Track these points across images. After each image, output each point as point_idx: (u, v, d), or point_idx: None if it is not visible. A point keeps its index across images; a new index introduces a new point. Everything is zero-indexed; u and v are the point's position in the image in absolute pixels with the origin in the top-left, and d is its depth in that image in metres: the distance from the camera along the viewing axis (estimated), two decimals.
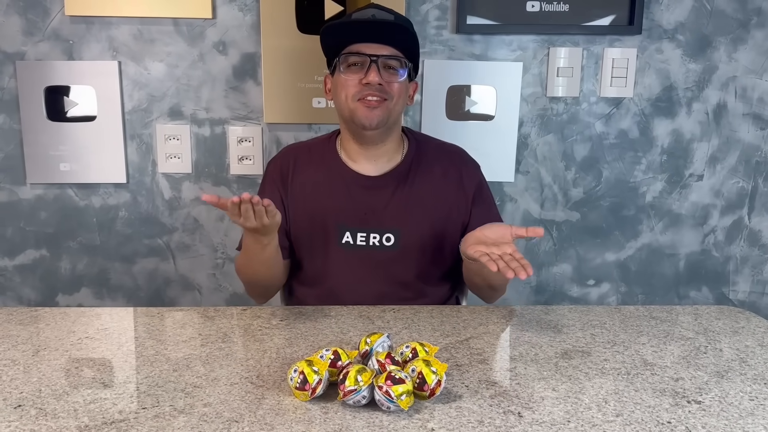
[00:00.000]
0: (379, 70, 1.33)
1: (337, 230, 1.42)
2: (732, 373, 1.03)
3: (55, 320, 1.23)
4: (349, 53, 1.35)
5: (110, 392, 0.93)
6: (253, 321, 1.24)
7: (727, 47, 1.95)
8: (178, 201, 1.97)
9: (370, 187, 1.43)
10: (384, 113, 1.35)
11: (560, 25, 1.90)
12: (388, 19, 1.33)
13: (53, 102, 1.89)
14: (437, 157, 1.47)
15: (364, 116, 1.34)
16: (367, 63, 1.33)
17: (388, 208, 1.42)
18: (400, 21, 1.35)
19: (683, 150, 2.01)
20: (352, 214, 1.42)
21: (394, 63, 1.35)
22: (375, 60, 1.32)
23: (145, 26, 1.87)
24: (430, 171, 1.45)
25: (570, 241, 2.05)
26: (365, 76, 1.32)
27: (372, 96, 1.33)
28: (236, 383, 0.96)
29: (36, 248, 1.98)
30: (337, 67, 1.37)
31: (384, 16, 1.33)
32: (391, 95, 1.35)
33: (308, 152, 1.48)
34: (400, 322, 1.24)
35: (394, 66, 1.35)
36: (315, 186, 1.44)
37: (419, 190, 1.43)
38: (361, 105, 1.34)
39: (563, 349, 1.12)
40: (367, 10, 1.35)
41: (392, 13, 1.36)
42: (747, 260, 2.09)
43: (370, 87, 1.33)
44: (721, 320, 1.29)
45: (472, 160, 1.51)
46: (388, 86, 1.34)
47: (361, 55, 1.33)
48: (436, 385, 0.89)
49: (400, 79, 1.36)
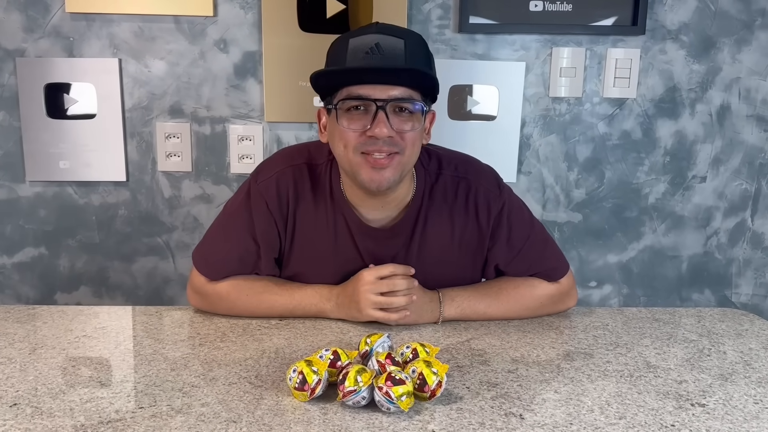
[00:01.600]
0: (388, 118, 1.06)
1: (340, 282, 1.25)
2: (736, 376, 1.02)
3: (53, 318, 1.22)
4: (349, 97, 1.08)
5: (107, 391, 0.92)
6: (252, 320, 1.23)
7: (731, 48, 1.93)
8: (178, 200, 1.96)
9: (379, 238, 1.22)
10: (395, 172, 1.10)
11: (563, 25, 1.89)
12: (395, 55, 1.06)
13: (53, 99, 1.88)
14: (451, 189, 1.24)
15: (369, 179, 1.10)
16: (373, 109, 1.07)
17: (398, 260, 1.22)
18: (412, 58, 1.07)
19: (686, 151, 1.99)
20: (358, 268, 1.21)
21: (407, 105, 1.09)
22: (383, 106, 1.06)
23: (146, 24, 1.86)
24: (444, 211, 1.23)
25: (572, 243, 2.04)
26: (371, 127, 1.06)
27: (380, 153, 1.08)
28: (234, 383, 0.95)
29: (35, 246, 1.97)
30: (334, 112, 1.10)
31: (390, 46, 1.06)
32: (403, 148, 1.09)
33: (309, 174, 1.22)
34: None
35: (407, 108, 1.09)
36: (317, 229, 1.23)
37: (433, 240, 1.23)
38: (366, 163, 1.09)
39: (565, 350, 1.11)
40: (369, 37, 1.07)
41: (401, 34, 1.08)
42: (750, 263, 2.07)
43: (376, 141, 1.07)
44: (725, 323, 1.28)
45: (490, 188, 1.25)
46: (399, 137, 1.08)
47: (364, 100, 1.07)
48: (436, 386, 0.88)
49: (415, 126, 1.10)
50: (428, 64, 1.12)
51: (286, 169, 1.22)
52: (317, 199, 1.22)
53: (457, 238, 1.25)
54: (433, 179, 1.24)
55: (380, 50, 1.05)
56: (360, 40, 1.07)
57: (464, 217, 1.24)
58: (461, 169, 1.25)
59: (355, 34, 1.09)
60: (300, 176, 1.22)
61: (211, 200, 1.96)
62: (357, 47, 1.06)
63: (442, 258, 1.25)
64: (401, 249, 1.23)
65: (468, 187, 1.23)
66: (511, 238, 1.25)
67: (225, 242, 1.26)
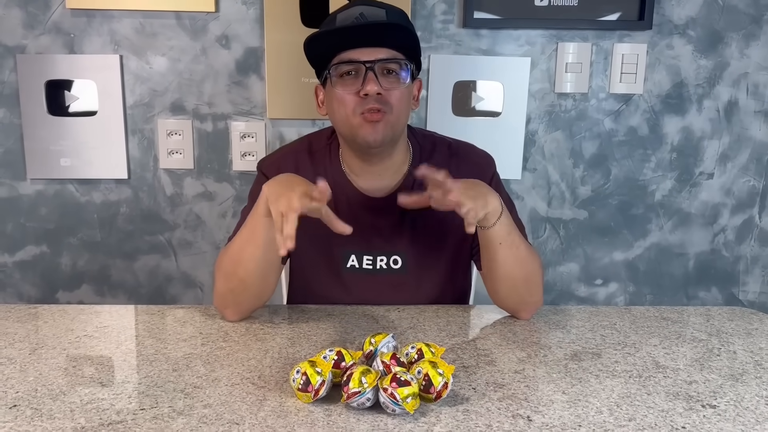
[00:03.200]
0: (377, 78, 1.18)
1: (341, 255, 1.33)
2: (747, 377, 1.00)
3: (54, 318, 1.21)
4: (340, 62, 1.19)
5: (108, 392, 0.91)
6: (255, 320, 1.21)
7: (738, 43, 1.91)
8: (179, 197, 1.95)
9: (377, 208, 1.31)
10: (387, 128, 1.21)
11: (569, 20, 1.87)
12: (378, 19, 1.18)
13: (54, 96, 1.86)
14: (445, 164, 1.29)
15: (367, 133, 1.20)
16: (363, 71, 1.18)
17: (395, 229, 1.32)
18: (393, 19, 1.19)
19: (693, 148, 1.97)
20: (358, 238, 1.24)
21: (393, 66, 1.20)
22: (371, 66, 1.17)
23: (147, 20, 1.85)
24: None
25: (577, 240, 2.02)
26: (362, 87, 1.17)
27: (372, 109, 1.18)
28: (237, 384, 0.94)
29: (36, 244, 1.96)
30: (329, 79, 1.23)
31: (374, 14, 1.18)
32: (391, 106, 1.20)
33: (309, 159, 1.34)
34: (405, 321, 1.22)
35: (393, 69, 1.20)
36: None
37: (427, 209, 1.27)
38: (361, 120, 1.20)
39: (573, 350, 1.10)
40: (354, 9, 1.19)
41: (383, 5, 1.21)
42: (758, 260, 2.05)
43: (369, 99, 1.18)
44: (734, 321, 1.26)
45: (482, 159, 1.37)
46: (387, 95, 1.19)
47: (354, 63, 1.18)
48: (442, 387, 0.87)
49: (402, 84, 1.22)
50: (411, 30, 1.22)
51: (287, 154, 1.36)
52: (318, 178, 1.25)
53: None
54: (427, 154, 1.34)
55: (364, 17, 1.17)
56: (345, 12, 1.19)
57: None
58: (454, 146, 1.37)
59: (341, 10, 1.21)
60: (301, 161, 1.33)
61: (213, 198, 1.95)
62: (343, 18, 1.18)
63: (437, 226, 1.32)
64: (396, 218, 1.31)
65: (460, 160, 1.34)
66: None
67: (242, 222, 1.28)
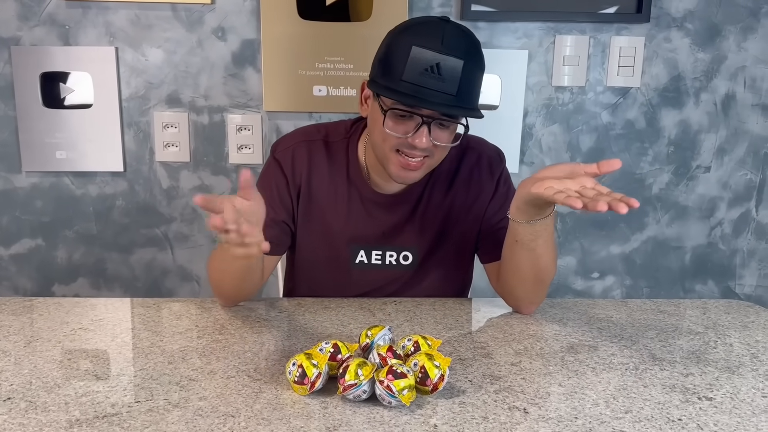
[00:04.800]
0: (430, 131, 1.12)
1: (350, 250, 1.32)
2: (743, 369, 1.00)
3: (49, 311, 1.20)
4: (400, 109, 1.12)
5: (103, 385, 0.91)
6: (251, 313, 1.21)
7: (736, 36, 1.91)
8: (176, 190, 1.94)
9: (389, 204, 1.31)
10: (422, 173, 1.20)
11: (567, 13, 1.86)
12: (451, 81, 1.08)
13: (49, 88, 1.85)
14: (456, 158, 1.32)
15: (397, 174, 1.18)
16: (418, 121, 1.12)
17: (407, 226, 1.31)
18: (467, 83, 1.10)
19: (690, 141, 1.97)
20: (368, 234, 1.31)
21: (448, 123, 1.14)
22: (427, 121, 1.11)
23: (143, 11, 1.83)
24: (450, 178, 1.32)
25: (575, 234, 2.02)
26: (412, 137, 1.12)
27: (413, 157, 1.15)
28: (233, 376, 0.93)
29: (32, 237, 1.95)
30: (380, 102, 1.15)
31: (450, 68, 1.07)
32: (434, 154, 1.17)
33: (325, 150, 1.31)
34: (402, 314, 1.22)
35: (447, 126, 1.15)
36: (329, 198, 1.30)
37: (439, 203, 1.32)
38: (397, 161, 1.16)
39: (569, 343, 1.10)
40: (431, 54, 1.08)
41: (462, 54, 1.09)
42: (754, 254, 2.06)
43: (414, 147, 1.14)
44: (730, 314, 1.26)
45: (494, 154, 1.35)
46: (433, 147, 1.15)
47: (411, 114, 1.12)
48: (438, 379, 0.87)
49: (451, 139, 1.17)
50: (480, 86, 1.16)
51: (302, 143, 1.31)
52: (333, 172, 1.30)
53: (461, 203, 1.32)
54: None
55: (439, 71, 1.08)
56: (422, 53, 1.08)
57: (468, 182, 1.32)
58: (464, 140, 1.29)
59: (419, 41, 1.09)
60: (316, 151, 1.31)
61: (210, 191, 1.94)
62: (417, 60, 1.08)
63: (446, 224, 1.32)
64: (408, 214, 1.31)
65: (471, 155, 1.33)
66: (507, 200, 1.26)
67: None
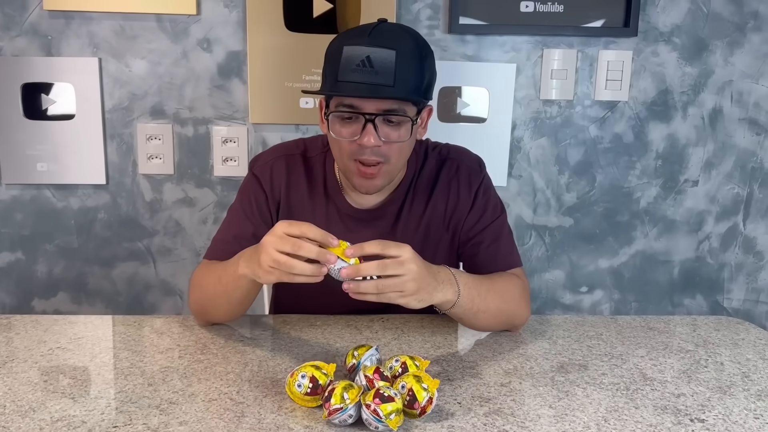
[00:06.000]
0: (377, 128, 1.10)
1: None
2: (735, 389, 0.99)
3: (26, 329, 1.17)
4: (340, 105, 1.11)
5: (80, 408, 0.88)
6: (234, 331, 1.18)
7: (723, 51, 1.91)
8: (159, 203, 1.91)
9: (368, 219, 1.27)
10: (383, 180, 1.17)
11: (554, 26, 1.86)
12: (384, 71, 1.07)
13: (30, 99, 1.82)
14: (435, 169, 1.30)
15: (359, 184, 1.17)
16: (363, 121, 1.10)
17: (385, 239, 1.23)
18: (402, 71, 1.08)
19: (678, 155, 1.97)
20: None
21: (397, 119, 1.11)
22: (371, 119, 1.09)
23: (127, 22, 1.81)
24: (429, 190, 1.29)
25: (563, 247, 2.01)
26: (360, 137, 1.10)
27: (368, 163, 1.13)
28: (215, 399, 0.91)
29: (11, 251, 1.91)
30: (327, 113, 1.15)
31: (381, 58, 1.07)
32: (389, 157, 1.14)
33: (303, 164, 1.29)
34: (389, 332, 1.20)
35: (397, 122, 1.12)
36: (308, 213, 1.27)
37: (419, 217, 1.28)
38: (357, 169, 1.15)
39: (559, 362, 1.08)
40: (360, 49, 1.07)
41: (393, 44, 1.08)
42: (742, 267, 2.05)
43: (365, 149, 1.11)
44: (720, 332, 1.25)
45: (473, 163, 1.32)
46: (387, 148, 1.12)
47: (354, 112, 1.11)
48: (427, 402, 0.85)
49: (402, 136, 1.13)
50: (420, 73, 1.12)
51: (281, 157, 1.30)
52: (311, 187, 1.28)
53: (440, 216, 1.29)
54: (420, 165, 1.30)
55: (370, 63, 1.07)
56: (352, 50, 1.08)
57: (446, 194, 1.29)
58: (444, 151, 1.33)
59: (349, 41, 1.10)
60: (294, 165, 1.29)
61: (194, 204, 1.91)
62: (349, 58, 1.08)
63: (426, 237, 1.28)
64: (387, 229, 1.28)
65: (450, 166, 1.30)
66: (485, 213, 1.28)
67: (226, 225, 1.30)
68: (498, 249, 1.25)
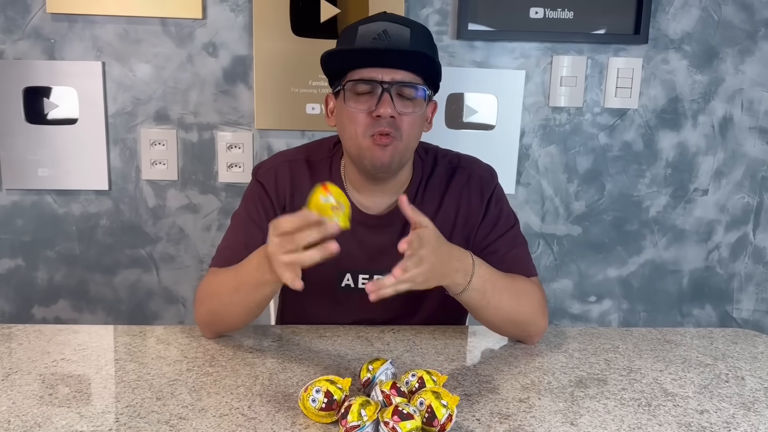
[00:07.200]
0: (393, 100, 1.13)
1: (336, 274, 1.26)
2: (759, 405, 0.97)
3: (29, 339, 1.14)
4: (357, 80, 1.14)
5: (87, 424, 0.85)
6: (243, 342, 1.15)
7: (734, 59, 1.89)
8: (162, 209, 1.88)
9: (375, 226, 1.25)
10: (396, 154, 1.16)
11: (564, 33, 1.84)
12: (402, 41, 1.13)
13: (32, 103, 1.79)
14: (446, 177, 1.29)
15: (375, 157, 1.15)
16: (379, 91, 1.13)
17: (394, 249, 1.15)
18: (416, 44, 1.14)
19: (688, 164, 1.95)
20: (354, 257, 1.24)
21: (410, 91, 1.15)
22: (388, 88, 1.12)
23: (131, 26, 1.78)
24: (439, 199, 1.27)
25: (571, 256, 1.98)
26: (376, 108, 1.12)
27: (383, 132, 1.14)
28: (226, 414, 0.88)
29: (11, 257, 1.88)
30: (342, 93, 1.17)
31: (397, 33, 1.13)
32: (401, 133, 1.15)
33: (307, 169, 1.28)
34: (401, 344, 1.17)
35: (410, 94, 1.15)
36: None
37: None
38: (371, 143, 1.15)
39: (577, 376, 1.05)
40: (377, 24, 1.14)
41: (407, 23, 1.16)
42: (752, 278, 2.03)
43: (381, 121, 1.13)
44: (738, 344, 1.23)
45: (485, 173, 1.32)
46: (400, 120, 1.14)
47: (371, 83, 1.13)
48: (446, 420, 0.82)
49: (416, 110, 1.16)
50: (432, 52, 1.19)
51: (284, 162, 1.29)
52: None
53: (450, 224, 1.27)
54: (429, 170, 1.30)
55: (388, 36, 1.13)
56: (369, 26, 1.15)
57: (457, 202, 1.28)
58: (455, 159, 1.33)
59: (364, 21, 1.16)
60: (298, 171, 1.28)
61: (198, 210, 1.88)
62: (366, 32, 1.14)
63: None
64: (396, 236, 1.21)
65: (462, 174, 1.30)
66: (498, 222, 1.28)
67: (233, 232, 1.28)
68: (513, 259, 1.22)
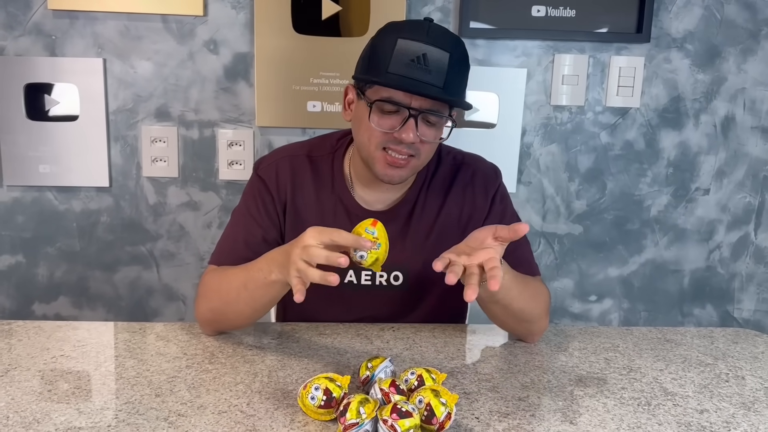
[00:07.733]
0: (417, 126, 1.10)
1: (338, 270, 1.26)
2: (759, 405, 0.97)
3: (29, 335, 1.14)
4: (386, 100, 1.10)
5: (85, 420, 0.85)
6: (242, 339, 1.15)
7: (736, 58, 1.89)
8: (163, 206, 1.88)
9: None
10: (408, 172, 1.16)
11: (566, 31, 1.83)
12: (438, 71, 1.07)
13: (33, 100, 1.79)
14: (450, 174, 1.29)
15: (383, 173, 1.15)
16: (405, 115, 1.10)
17: (396, 244, 1.19)
18: (453, 72, 1.09)
19: (690, 163, 1.94)
20: None
21: (434, 119, 1.12)
22: (415, 115, 1.09)
23: (133, 22, 1.78)
24: (442, 196, 1.27)
25: (572, 255, 1.98)
26: (399, 129, 1.10)
27: (400, 154, 1.12)
28: (225, 412, 0.88)
29: (12, 254, 1.88)
30: (365, 100, 1.13)
31: (436, 59, 1.07)
32: (420, 154, 1.14)
33: (309, 165, 1.27)
34: (401, 342, 1.17)
35: (433, 122, 1.13)
36: (315, 215, 1.25)
37: (431, 222, 1.26)
38: (383, 159, 1.13)
39: (577, 375, 1.05)
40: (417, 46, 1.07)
41: (447, 46, 1.08)
42: (753, 278, 2.03)
43: (400, 143, 1.11)
44: (739, 344, 1.22)
45: (489, 171, 1.32)
46: (420, 144, 1.13)
47: (399, 106, 1.10)
48: (445, 418, 0.82)
49: (437, 136, 1.15)
50: (465, 80, 1.16)
51: (285, 158, 1.28)
52: (318, 188, 1.26)
53: (454, 221, 1.27)
54: (433, 167, 1.29)
55: (426, 62, 1.07)
56: (408, 44, 1.08)
57: (461, 200, 1.28)
58: (459, 156, 1.33)
59: (405, 34, 1.09)
60: (300, 166, 1.27)
61: (198, 207, 1.88)
62: (404, 51, 1.08)
63: (439, 242, 1.24)
64: (398, 232, 1.25)
65: (466, 171, 1.30)
66: (503, 220, 1.26)
67: (233, 229, 1.27)
68: (518, 257, 1.21)
